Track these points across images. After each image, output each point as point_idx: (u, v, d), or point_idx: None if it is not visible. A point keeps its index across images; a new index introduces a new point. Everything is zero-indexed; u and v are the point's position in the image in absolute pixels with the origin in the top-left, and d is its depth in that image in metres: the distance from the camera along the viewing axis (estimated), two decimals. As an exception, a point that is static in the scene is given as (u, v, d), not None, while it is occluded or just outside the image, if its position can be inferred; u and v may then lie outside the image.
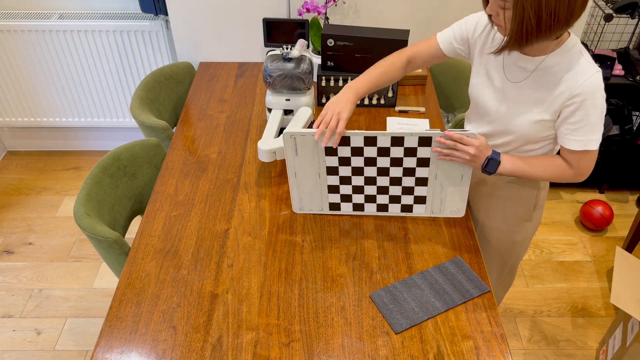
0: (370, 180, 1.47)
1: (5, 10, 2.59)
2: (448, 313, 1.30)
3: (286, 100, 1.72)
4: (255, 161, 1.78)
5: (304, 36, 2.10)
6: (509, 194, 1.51)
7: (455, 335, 1.26)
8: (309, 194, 1.52)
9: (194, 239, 1.51)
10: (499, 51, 1.18)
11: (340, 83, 2.02)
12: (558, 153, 1.39)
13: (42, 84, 2.72)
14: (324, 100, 2.06)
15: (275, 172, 1.73)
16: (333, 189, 1.51)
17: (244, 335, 1.26)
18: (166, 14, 2.42)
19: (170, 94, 2.21)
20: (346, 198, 1.52)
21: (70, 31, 2.53)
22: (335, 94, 2.05)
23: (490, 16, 1.19)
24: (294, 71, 1.65)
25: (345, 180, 1.48)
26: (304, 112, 1.70)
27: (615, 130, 2.66)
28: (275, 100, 1.73)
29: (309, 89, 1.72)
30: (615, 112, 2.63)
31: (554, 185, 2.90)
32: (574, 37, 1.23)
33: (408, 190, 1.48)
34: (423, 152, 1.39)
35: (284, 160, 1.78)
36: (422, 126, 1.93)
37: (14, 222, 2.68)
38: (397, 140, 1.37)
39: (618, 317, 1.99)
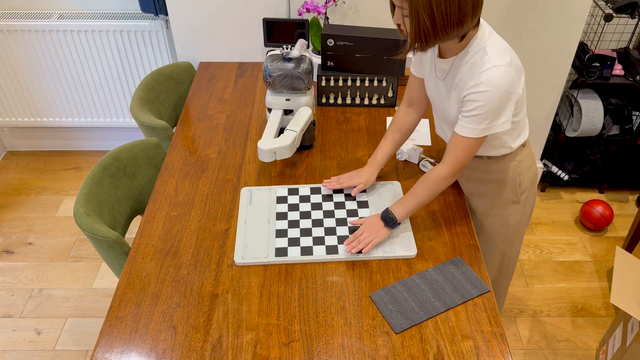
0: (317, 223, 1.53)
1: (5, 10, 2.59)
2: (448, 313, 1.30)
3: (286, 100, 1.72)
4: (255, 161, 1.78)
5: (304, 36, 2.10)
6: (493, 177, 1.53)
7: (455, 335, 1.26)
8: (255, 239, 1.47)
9: (194, 239, 1.51)
10: (404, 54, 1.27)
11: (340, 83, 2.02)
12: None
13: (42, 84, 2.72)
14: (323, 100, 2.06)
15: (275, 172, 1.73)
16: (281, 234, 1.49)
17: (244, 335, 1.26)
18: (166, 14, 2.42)
19: (170, 94, 2.21)
20: (294, 242, 1.47)
21: (70, 31, 2.53)
22: (335, 94, 2.05)
23: (399, 25, 1.27)
24: (294, 71, 1.65)
25: (294, 224, 1.52)
26: (304, 112, 1.70)
27: (615, 130, 2.66)
28: (275, 100, 1.73)
29: (309, 89, 1.72)
30: (615, 112, 2.63)
31: (554, 185, 2.90)
32: (480, 36, 1.28)
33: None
34: (361, 196, 1.62)
35: (284, 160, 1.78)
36: (421, 126, 1.93)
37: (14, 222, 2.68)
38: (338, 189, 1.63)
39: (618, 317, 1.99)
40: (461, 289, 1.35)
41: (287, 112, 1.75)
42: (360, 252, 1.43)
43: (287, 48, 1.69)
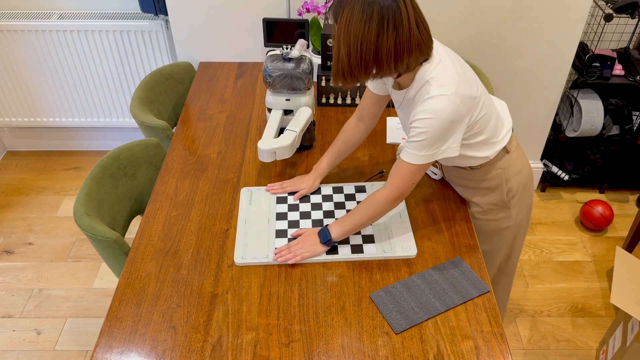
0: (317, 223, 1.53)
1: (5, 10, 2.59)
2: (448, 313, 1.30)
3: (286, 100, 1.72)
4: (255, 161, 1.78)
5: (303, 36, 2.10)
6: (479, 185, 1.53)
7: (455, 335, 1.26)
8: (255, 239, 1.48)
9: (194, 239, 1.51)
10: (334, 82, 1.28)
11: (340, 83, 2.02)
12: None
13: (42, 84, 2.72)
14: (323, 100, 2.06)
15: (275, 172, 1.73)
16: (281, 234, 1.49)
17: (244, 335, 1.26)
18: (166, 14, 2.42)
19: (170, 94, 2.21)
20: None
21: (70, 31, 2.53)
22: (335, 94, 2.05)
23: None
24: (294, 71, 1.65)
25: (294, 225, 1.52)
26: (304, 112, 1.70)
27: (615, 130, 2.66)
28: (275, 100, 1.73)
29: (308, 89, 1.72)
30: (615, 112, 2.63)
31: (554, 185, 2.90)
32: (426, 68, 1.27)
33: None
34: (361, 197, 1.61)
35: (284, 160, 1.78)
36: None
37: (14, 222, 2.68)
38: (338, 189, 1.65)
39: (618, 317, 2.00)
40: (461, 289, 1.35)
41: (287, 112, 1.75)
42: (359, 250, 1.43)
43: (287, 48, 1.69)
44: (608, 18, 2.23)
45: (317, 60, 2.15)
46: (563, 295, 2.37)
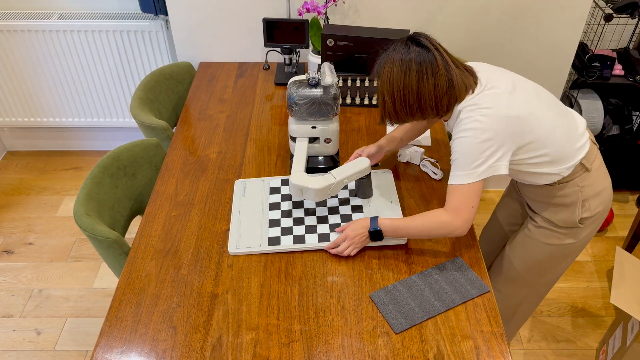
0: (309, 212, 1.55)
1: (5, 10, 2.59)
2: (448, 313, 1.30)
3: (312, 127, 1.62)
4: (255, 161, 1.78)
5: (304, 36, 2.10)
6: (551, 200, 1.48)
7: (455, 335, 1.26)
8: (248, 229, 1.49)
9: (194, 239, 1.51)
10: (382, 123, 1.40)
11: (340, 83, 2.02)
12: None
13: (42, 84, 2.72)
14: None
15: (275, 173, 1.73)
16: (274, 223, 1.52)
17: (244, 335, 1.26)
18: (166, 14, 2.42)
19: (170, 94, 2.21)
20: (287, 231, 1.49)
21: (70, 31, 2.53)
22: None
23: None
24: (322, 98, 1.55)
25: (286, 214, 1.55)
26: (360, 163, 1.55)
27: (615, 130, 2.66)
28: (300, 129, 1.62)
29: (336, 114, 1.62)
30: (615, 112, 2.63)
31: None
32: (460, 104, 1.32)
33: (346, 218, 1.53)
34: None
35: (284, 160, 1.78)
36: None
37: (14, 222, 2.68)
38: None
39: (618, 317, 2.00)
40: (461, 289, 1.35)
41: (312, 139, 1.66)
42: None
43: (312, 73, 1.59)
44: (608, 18, 2.23)
45: (317, 60, 2.15)
46: (563, 295, 2.37)
